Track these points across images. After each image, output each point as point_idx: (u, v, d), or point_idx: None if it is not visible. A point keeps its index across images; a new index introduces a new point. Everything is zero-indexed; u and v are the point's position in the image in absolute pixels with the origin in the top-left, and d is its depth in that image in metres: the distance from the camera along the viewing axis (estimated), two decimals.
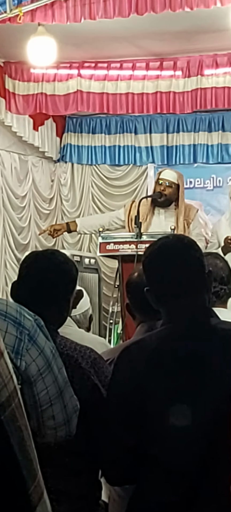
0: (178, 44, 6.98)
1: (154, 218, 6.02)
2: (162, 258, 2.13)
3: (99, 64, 7.55)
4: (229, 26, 5.89)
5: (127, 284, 3.01)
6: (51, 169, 8.56)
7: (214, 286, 3.22)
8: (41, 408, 1.92)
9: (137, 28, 6.37)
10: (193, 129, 8.12)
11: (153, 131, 8.28)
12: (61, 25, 5.90)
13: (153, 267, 2.15)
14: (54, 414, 1.94)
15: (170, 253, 2.14)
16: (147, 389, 1.99)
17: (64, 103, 7.59)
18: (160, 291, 2.14)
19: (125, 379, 2.05)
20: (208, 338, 2.03)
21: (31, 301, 2.09)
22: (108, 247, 5.62)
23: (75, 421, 2.01)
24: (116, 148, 8.41)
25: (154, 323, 2.83)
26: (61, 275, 2.34)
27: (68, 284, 2.38)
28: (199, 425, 1.94)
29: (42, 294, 2.27)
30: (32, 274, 2.33)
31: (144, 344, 2.10)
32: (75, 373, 2.16)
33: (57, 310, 2.32)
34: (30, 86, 7.54)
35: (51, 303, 2.27)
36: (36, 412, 1.91)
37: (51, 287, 2.30)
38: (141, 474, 2.01)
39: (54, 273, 2.33)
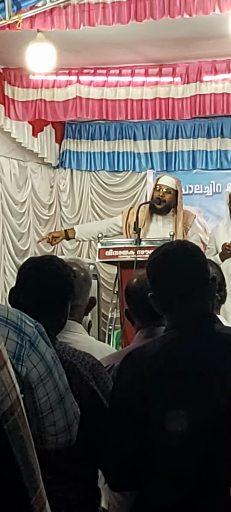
0: (177, 51, 7.00)
1: (151, 224, 6.03)
2: (165, 264, 2.13)
3: (99, 71, 7.57)
4: (228, 33, 5.90)
5: (126, 290, 3.01)
6: (50, 175, 8.57)
7: None
8: (42, 414, 1.92)
9: (136, 35, 6.39)
10: (192, 135, 8.13)
11: (152, 137, 8.29)
12: (60, 32, 5.91)
13: (157, 272, 2.15)
14: (55, 421, 1.94)
15: (173, 259, 2.14)
16: (150, 395, 1.99)
17: (63, 109, 7.61)
18: (163, 297, 2.14)
19: (127, 385, 2.04)
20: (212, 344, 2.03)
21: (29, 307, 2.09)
22: (108, 253, 5.63)
23: (76, 427, 2.01)
24: (115, 154, 8.42)
25: (153, 329, 2.83)
26: (59, 280, 2.34)
27: (66, 290, 2.38)
28: (202, 431, 1.94)
29: (40, 300, 2.27)
30: (30, 280, 2.33)
31: (147, 350, 2.10)
32: (74, 379, 2.16)
33: (55, 315, 2.33)
34: (29, 93, 7.55)
35: (49, 308, 2.28)
36: (37, 418, 1.91)
37: (49, 293, 2.31)
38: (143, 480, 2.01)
39: (52, 279, 2.34)
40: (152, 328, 2.82)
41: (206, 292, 2.12)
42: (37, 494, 1.14)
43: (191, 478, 1.93)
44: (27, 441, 1.14)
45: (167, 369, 2.01)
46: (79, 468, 2.22)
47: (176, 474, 1.95)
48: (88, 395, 2.20)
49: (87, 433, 2.13)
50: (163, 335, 2.14)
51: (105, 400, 2.23)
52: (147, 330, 2.83)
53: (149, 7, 5.54)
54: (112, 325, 5.89)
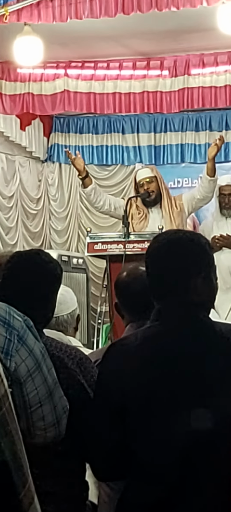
0: (165, 44, 7.00)
1: (151, 215, 6.02)
2: (159, 251, 2.09)
3: (86, 64, 7.55)
4: (215, 26, 5.91)
5: (116, 284, 3.00)
6: (38, 169, 8.54)
7: None
8: (31, 409, 1.91)
9: (123, 28, 6.38)
10: (180, 128, 8.13)
11: (141, 131, 8.28)
12: (47, 25, 5.90)
13: (151, 258, 2.12)
14: (44, 415, 1.94)
15: (167, 247, 2.09)
16: (129, 387, 1.97)
17: (51, 103, 7.58)
18: (153, 283, 2.11)
19: (108, 375, 2.03)
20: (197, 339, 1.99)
21: (16, 301, 2.08)
22: (96, 247, 5.63)
23: (65, 421, 2.01)
24: (103, 148, 8.41)
25: (143, 323, 2.83)
26: (45, 274, 2.33)
27: (53, 284, 2.37)
28: (181, 425, 1.92)
29: (26, 294, 2.26)
30: (17, 274, 2.32)
31: (129, 341, 2.09)
32: (62, 373, 2.16)
33: (42, 309, 2.32)
34: (17, 86, 7.52)
35: (35, 302, 2.27)
36: (26, 413, 1.90)
37: (36, 287, 2.30)
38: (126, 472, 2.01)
39: (39, 273, 2.33)
40: (142, 322, 2.81)
41: (198, 285, 2.05)
42: (25, 488, 1.14)
43: (170, 475, 1.91)
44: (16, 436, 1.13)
45: (147, 362, 1.99)
46: (67, 462, 2.22)
47: (156, 469, 1.94)
48: (76, 389, 2.20)
49: (75, 426, 2.12)
50: (145, 327, 2.12)
51: (93, 394, 2.23)
52: (137, 324, 2.82)
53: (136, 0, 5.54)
54: (101, 319, 5.89)
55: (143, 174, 6.10)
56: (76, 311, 3.47)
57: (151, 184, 6.00)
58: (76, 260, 7.39)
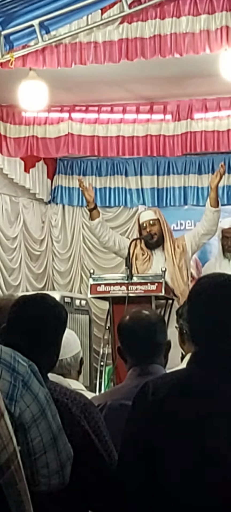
0: (168, 89, 7.08)
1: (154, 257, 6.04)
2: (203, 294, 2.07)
3: (90, 108, 7.64)
4: (218, 72, 5.98)
5: (119, 328, 3.01)
6: (42, 211, 8.59)
7: None
8: (35, 455, 1.90)
9: (127, 73, 6.46)
10: (183, 171, 8.20)
11: (144, 173, 8.35)
12: (52, 70, 5.98)
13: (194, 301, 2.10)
14: (48, 462, 1.92)
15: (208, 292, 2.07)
16: (159, 428, 1.96)
17: (55, 145, 7.66)
18: (192, 327, 2.10)
19: (140, 414, 2.02)
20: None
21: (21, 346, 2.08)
22: (99, 289, 5.63)
23: (69, 469, 2.00)
24: (106, 189, 8.46)
25: (145, 367, 2.83)
26: (51, 319, 2.34)
27: (58, 328, 2.38)
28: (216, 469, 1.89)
29: (32, 339, 2.26)
30: (22, 318, 2.33)
31: (162, 382, 2.06)
32: (66, 419, 2.14)
33: (47, 354, 2.32)
34: (21, 129, 7.61)
35: (41, 347, 2.27)
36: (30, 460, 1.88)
37: (41, 332, 2.30)
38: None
39: (44, 317, 2.33)
40: (144, 366, 2.82)
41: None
42: None
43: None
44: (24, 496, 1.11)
45: (183, 404, 1.96)
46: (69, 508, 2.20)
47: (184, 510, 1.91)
48: (80, 436, 2.18)
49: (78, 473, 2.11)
50: (182, 369, 2.11)
51: (97, 440, 2.21)
52: (139, 368, 2.83)
53: (140, 46, 5.62)
54: (104, 361, 5.87)
55: (146, 216, 6.13)
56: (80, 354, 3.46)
57: (153, 227, 6.03)
58: (79, 302, 7.39)
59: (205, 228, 6.03)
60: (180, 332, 3.33)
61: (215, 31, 5.40)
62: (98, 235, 6.23)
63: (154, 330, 2.88)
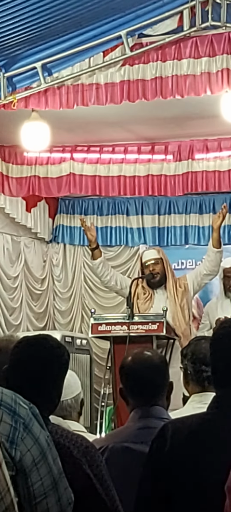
0: (169, 129, 7.14)
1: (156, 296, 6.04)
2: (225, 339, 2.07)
3: (92, 148, 7.70)
4: (219, 113, 6.03)
5: (121, 369, 2.99)
6: (43, 250, 8.60)
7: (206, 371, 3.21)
8: (36, 500, 1.87)
9: (128, 114, 6.52)
10: (184, 211, 8.23)
11: (145, 213, 8.38)
12: (54, 111, 6.03)
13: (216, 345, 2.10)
14: (48, 507, 1.89)
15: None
16: (177, 473, 1.94)
17: (57, 185, 7.71)
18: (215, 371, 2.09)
19: (156, 457, 2.00)
20: None
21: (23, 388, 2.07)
22: (100, 328, 5.62)
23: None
24: (107, 229, 8.48)
25: (148, 409, 2.81)
26: (53, 361, 2.33)
27: (60, 370, 2.36)
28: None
29: (34, 381, 2.25)
30: (24, 360, 2.31)
31: (182, 426, 2.04)
32: (67, 462, 2.11)
33: (49, 396, 2.30)
34: (23, 169, 7.66)
35: (43, 389, 2.26)
36: (30, 504, 1.86)
37: (43, 374, 2.29)
38: None
39: (46, 359, 2.32)
40: (147, 408, 2.80)
41: None
42: None
43: None
44: None
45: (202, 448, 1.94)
46: None
47: None
48: (81, 479, 2.16)
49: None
50: (203, 413, 2.08)
51: (99, 484, 2.19)
52: (141, 410, 2.81)
53: (142, 88, 5.68)
54: (105, 401, 5.83)
55: (149, 255, 6.14)
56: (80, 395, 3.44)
57: (156, 266, 6.04)
58: (80, 341, 7.37)
59: (208, 269, 6.04)
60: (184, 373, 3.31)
61: (216, 73, 5.46)
62: (100, 275, 6.24)
63: (157, 372, 2.87)
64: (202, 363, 3.20)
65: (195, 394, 3.22)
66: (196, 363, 3.22)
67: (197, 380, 3.22)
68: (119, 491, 2.26)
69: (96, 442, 2.63)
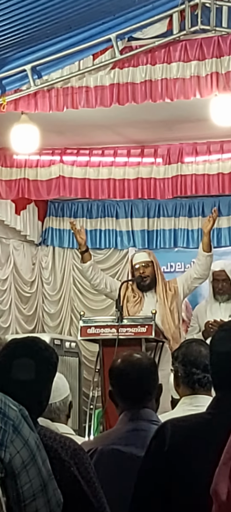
0: (159, 133, 7.15)
1: (146, 299, 6.04)
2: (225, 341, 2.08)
3: (81, 151, 7.69)
4: (208, 117, 6.05)
5: (110, 371, 2.99)
6: (32, 253, 8.59)
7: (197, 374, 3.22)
8: (25, 502, 1.87)
9: (118, 117, 6.53)
10: (173, 214, 8.25)
11: (134, 216, 8.39)
12: (44, 114, 6.02)
13: (216, 346, 2.11)
14: (37, 509, 1.89)
15: None
16: (175, 473, 1.94)
17: (46, 188, 7.70)
18: (215, 373, 2.10)
19: (156, 456, 2.00)
20: None
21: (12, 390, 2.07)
22: (89, 331, 5.62)
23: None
24: (97, 231, 8.49)
25: (137, 412, 2.81)
26: (41, 363, 2.33)
27: (49, 372, 2.37)
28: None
29: (22, 383, 2.25)
30: (13, 362, 2.32)
31: (180, 425, 2.05)
32: (55, 464, 2.12)
33: (37, 398, 2.30)
34: (12, 172, 7.64)
35: (31, 391, 2.26)
36: (19, 506, 1.86)
37: (32, 376, 2.30)
38: None
39: (35, 361, 2.32)
40: (136, 410, 2.80)
41: None
42: None
43: None
44: None
45: (201, 448, 1.95)
46: None
47: None
48: (70, 481, 2.16)
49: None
50: (202, 412, 2.09)
51: (87, 486, 2.19)
52: (131, 412, 2.81)
53: (131, 91, 5.68)
54: (93, 404, 5.83)
55: (139, 258, 6.15)
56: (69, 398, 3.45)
57: (146, 269, 6.05)
58: (69, 344, 7.36)
59: (198, 272, 6.06)
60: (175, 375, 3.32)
61: (205, 77, 5.48)
62: (90, 278, 6.24)
63: (146, 374, 2.88)
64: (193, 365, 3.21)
65: (185, 397, 3.23)
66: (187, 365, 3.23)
67: (187, 383, 3.22)
68: (108, 493, 2.26)
69: (85, 445, 2.63)
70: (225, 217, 8.06)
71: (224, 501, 1.65)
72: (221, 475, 1.69)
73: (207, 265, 6.05)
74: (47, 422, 2.83)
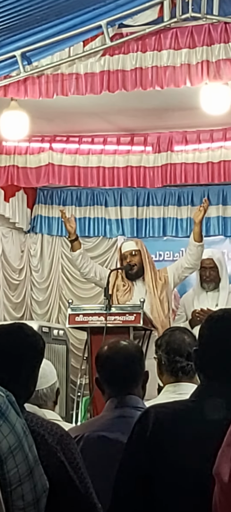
0: (149, 121, 7.15)
1: (135, 288, 6.05)
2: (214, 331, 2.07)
3: (71, 138, 7.67)
4: (198, 105, 6.05)
5: (97, 358, 3.00)
6: (21, 240, 8.57)
7: (181, 362, 3.23)
8: (11, 487, 1.87)
9: (108, 104, 6.51)
10: (162, 202, 8.25)
11: (123, 204, 8.38)
12: (33, 100, 6.00)
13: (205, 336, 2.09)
14: (23, 494, 1.90)
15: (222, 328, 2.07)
16: (158, 459, 1.94)
17: (35, 175, 7.68)
18: (202, 361, 2.08)
19: (137, 440, 2.00)
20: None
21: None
22: (78, 319, 5.62)
23: (44, 501, 1.97)
24: (86, 220, 8.48)
25: (123, 398, 2.82)
26: (28, 349, 2.34)
27: (36, 358, 2.37)
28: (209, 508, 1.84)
29: (9, 369, 2.26)
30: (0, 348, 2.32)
31: (164, 411, 2.04)
32: (42, 450, 2.12)
33: (24, 384, 2.30)
34: (1, 158, 7.61)
35: (18, 377, 2.26)
36: (5, 491, 1.86)
37: (18, 362, 2.30)
38: None
39: (21, 347, 2.33)
40: (122, 397, 2.81)
41: None
42: None
43: None
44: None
45: (181, 438, 1.95)
46: None
47: None
48: (56, 467, 2.16)
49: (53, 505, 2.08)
50: (186, 400, 2.08)
51: (73, 472, 2.19)
52: (117, 399, 2.82)
53: (122, 78, 5.66)
54: (81, 391, 5.83)
55: (127, 247, 6.16)
56: (56, 384, 3.45)
57: (134, 257, 6.05)
58: (56, 332, 7.36)
59: (189, 262, 6.08)
60: (158, 363, 3.32)
61: (196, 65, 5.47)
62: (79, 266, 6.24)
63: (132, 361, 2.88)
64: (176, 353, 3.22)
65: (168, 384, 3.24)
66: (170, 353, 3.24)
67: (171, 371, 3.24)
68: (94, 480, 2.27)
69: (71, 431, 2.63)
70: (214, 206, 8.07)
71: (226, 483, 1.66)
72: (224, 456, 1.69)
73: (198, 255, 6.06)
74: (34, 408, 2.83)
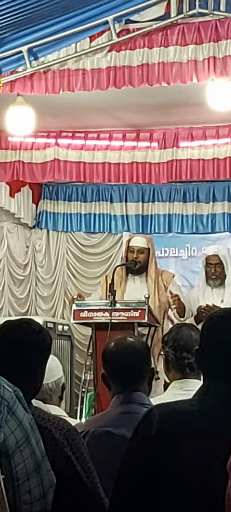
0: (155, 117, 7.13)
1: (128, 284, 6.06)
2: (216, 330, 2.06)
3: (77, 134, 7.67)
4: (204, 101, 6.04)
5: (103, 354, 3.00)
6: (26, 235, 8.58)
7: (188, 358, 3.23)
8: (18, 482, 1.89)
9: (114, 100, 6.50)
10: (168, 199, 8.25)
11: (129, 200, 8.38)
12: (39, 96, 6.00)
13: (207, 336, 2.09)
14: (30, 489, 1.91)
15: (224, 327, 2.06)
16: (161, 459, 1.93)
17: (41, 171, 7.68)
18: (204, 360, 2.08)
19: (141, 439, 1.99)
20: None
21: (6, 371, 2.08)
22: (82, 315, 5.62)
23: (51, 496, 1.98)
24: (91, 215, 8.48)
25: (129, 394, 2.82)
26: (35, 344, 2.35)
27: (43, 354, 2.38)
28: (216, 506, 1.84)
29: (17, 364, 2.27)
30: (7, 344, 2.33)
31: (168, 410, 2.03)
32: (49, 444, 2.13)
33: (32, 379, 2.32)
34: (7, 154, 7.61)
35: (25, 373, 2.27)
36: (12, 486, 1.87)
37: (26, 357, 2.31)
38: None
39: (29, 343, 2.34)
40: (128, 393, 2.81)
41: None
42: None
43: None
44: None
45: (185, 437, 1.94)
46: None
47: None
48: (63, 462, 2.17)
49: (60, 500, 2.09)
50: (190, 399, 2.07)
51: (80, 467, 2.20)
52: (123, 395, 2.82)
53: (128, 74, 5.66)
54: (85, 387, 5.84)
55: (137, 243, 6.15)
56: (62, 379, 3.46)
57: (141, 255, 6.06)
58: (61, 327, 7.37)
59: None
60: (165, 359, 3.32)
61: (203, 61, 5.46)
62: None
63: (139, 357, 2.89)
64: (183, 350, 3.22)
65: (176, 381, 3.24)
66: (177, 350, 3.24)
67: (178, 367, 3.24)
68: (100, 475, 2.27)
69: (77, 427, 2.62)
70: (220, 202, 8.07)
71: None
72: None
73: None
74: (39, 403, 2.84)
